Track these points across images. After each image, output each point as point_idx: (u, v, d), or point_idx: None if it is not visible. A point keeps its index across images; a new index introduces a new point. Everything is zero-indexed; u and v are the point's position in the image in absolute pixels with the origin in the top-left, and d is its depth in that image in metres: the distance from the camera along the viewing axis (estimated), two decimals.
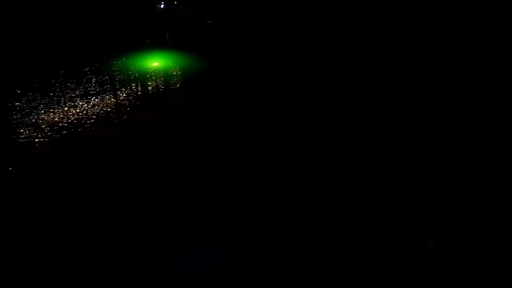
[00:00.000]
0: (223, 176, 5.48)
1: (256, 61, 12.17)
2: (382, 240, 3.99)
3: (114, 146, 6.66)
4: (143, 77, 11.18)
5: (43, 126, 7.63)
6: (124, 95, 9.72)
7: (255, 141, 6.62)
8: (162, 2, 18.60)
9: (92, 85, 10.43)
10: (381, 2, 15.71)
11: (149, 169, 5.79)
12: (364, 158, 5.79)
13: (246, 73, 11.01)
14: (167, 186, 5.26)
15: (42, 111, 8.47)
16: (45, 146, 6.76)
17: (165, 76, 11.30)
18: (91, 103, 8.89)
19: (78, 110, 8.51)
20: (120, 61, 12.99)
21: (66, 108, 8.61)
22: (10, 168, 5.98)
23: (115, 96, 9.51)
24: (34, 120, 7.98)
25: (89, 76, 11.42)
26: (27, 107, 8.78)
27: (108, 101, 9.13)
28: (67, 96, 9.47)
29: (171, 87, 10.50)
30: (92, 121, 7.86)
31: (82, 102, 9.09)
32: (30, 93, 9.76)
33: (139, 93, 10.12)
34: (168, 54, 13.93)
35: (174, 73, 12.04)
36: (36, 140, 6.96)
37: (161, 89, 10.31)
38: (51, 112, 8.40)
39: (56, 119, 8.01)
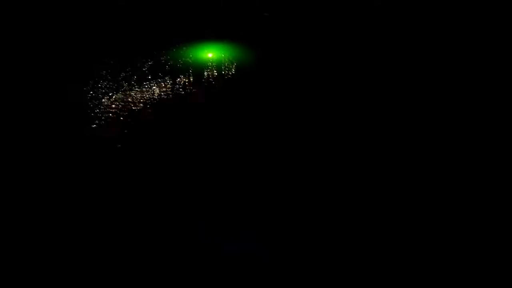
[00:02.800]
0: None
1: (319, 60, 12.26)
2: None
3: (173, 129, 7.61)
4: (199, 67, 12.09)
5: (109, 108, 8.72)
6: (181, 82, 10.70)
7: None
8: None
9: (155, 72, 11.61)
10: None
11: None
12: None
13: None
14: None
15: (108, 96, 9.45)
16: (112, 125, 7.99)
17: (218, 68, 11.98)
18: (152, 89, 9.72)
19: (143, 95, 9.47)
20: (179, 51, 14.08)
21: (132, 93, 9.44)
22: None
23: (175, 82, 10.44)
24: (102, 102, 9.11)
25: (152, 63, 12.61)
26: (95, 92, 9.78)
27: (168, 87, 10.13)
28: (134, 80, 10.24)
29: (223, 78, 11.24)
30: (153, 104, 8.93)
31: (146, 87, 10.14)
32: (95, 80, 10.80)
33: (193, 80, 11.00)
34: (224, 46, 14.80)
35: (226, 65, 12.88)
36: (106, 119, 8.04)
37: (212, 80, 10.99)
38: (117, 96, 9.33)
39: (122, 102, 8.98)
